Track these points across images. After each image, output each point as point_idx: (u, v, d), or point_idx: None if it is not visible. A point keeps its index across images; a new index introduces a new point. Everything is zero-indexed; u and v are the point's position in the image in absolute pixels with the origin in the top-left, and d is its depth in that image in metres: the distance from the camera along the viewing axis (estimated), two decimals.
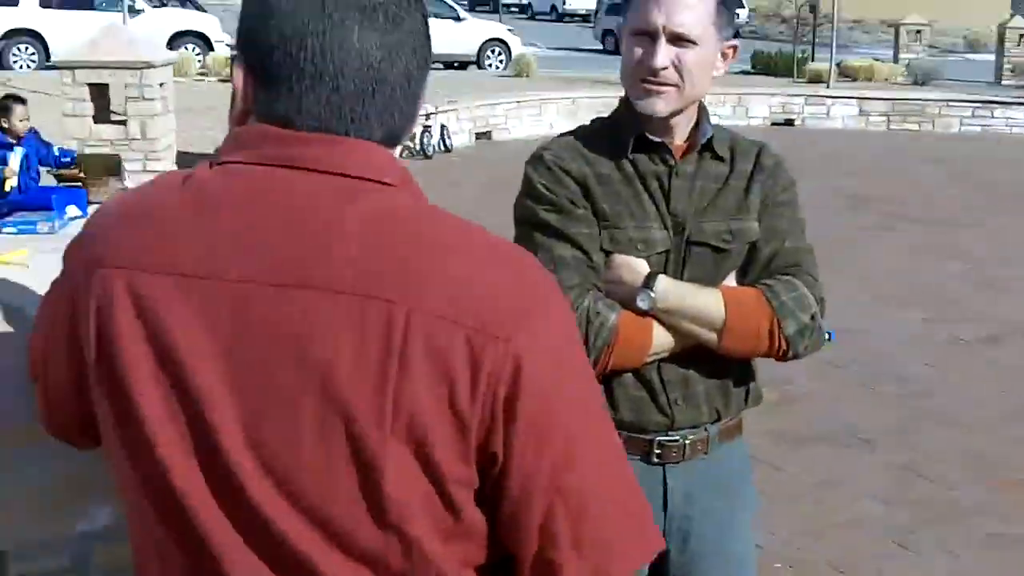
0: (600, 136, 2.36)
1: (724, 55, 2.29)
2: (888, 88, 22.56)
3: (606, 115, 2.45)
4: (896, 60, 27.60)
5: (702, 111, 2.33)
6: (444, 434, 1.17)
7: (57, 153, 8.27)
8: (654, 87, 2.21)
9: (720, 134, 2.36)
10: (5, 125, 8.03)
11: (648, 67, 2.19)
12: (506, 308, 1.19)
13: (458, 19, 27.38)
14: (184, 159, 9.90)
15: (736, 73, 23.99)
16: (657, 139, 2.28)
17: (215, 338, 1.18)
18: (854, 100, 19.56)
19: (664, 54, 2.18)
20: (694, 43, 2.18)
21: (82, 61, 8.82)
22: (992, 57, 28.13)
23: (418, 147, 14.80)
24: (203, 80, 21.89)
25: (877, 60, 26.89)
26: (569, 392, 1.23)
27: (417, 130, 14.77)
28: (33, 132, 8.20)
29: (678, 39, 2.18)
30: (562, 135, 2.42)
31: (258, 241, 1.19)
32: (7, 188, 8.04)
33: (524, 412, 1.18)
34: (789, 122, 19.34)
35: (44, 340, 1.37)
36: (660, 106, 2.22)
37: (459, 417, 1.16)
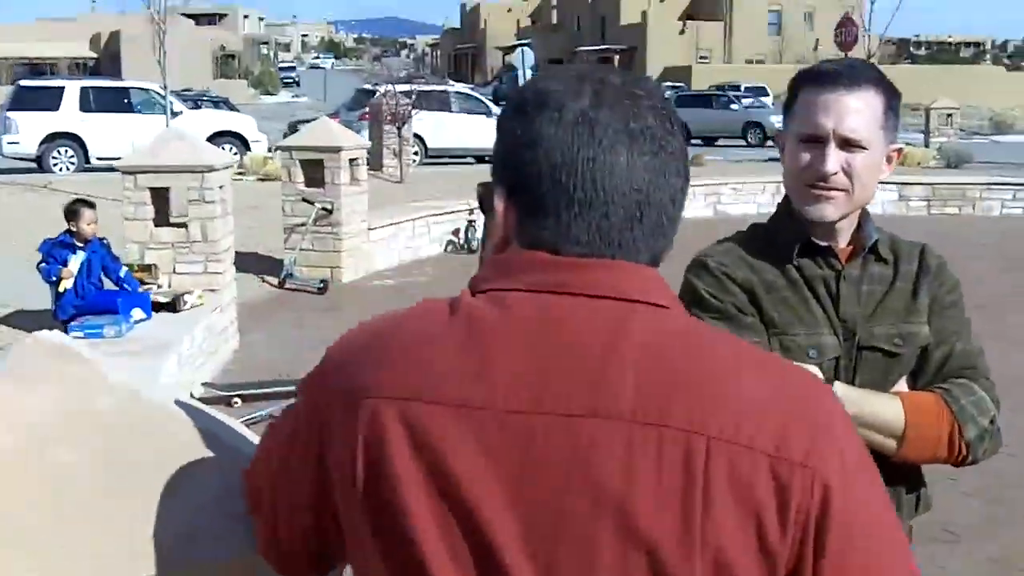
0: (761, 241, 2.34)
1: (889, 158, 2.28)
2: (925, 172, 22.61)
3: (763, 221, 2.44)
4: (927, 144, 27.70)
5: (864, 213, 2.32)
6: (750, 568, 1.13)
7: (123, 275, 8.35)
8: (824, 192, 2.20)
9: (880, 235, 2.34)
10: (73, 228, 8.15)
11: (817, 172, 2.18)
12: (802, 431, 1.16)
13: (490, 114, 27.70)
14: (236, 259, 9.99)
15: (769, 160, 24.14)
16: (823, 243, 2.26)
17: (498, 468, 1.16)
18: (893, 185, 19.57)
19: (835, 159, 2.17)
20: (863, 147, 2.17)
21: (145, 166, 8.93)
22: (1020, 138, 28.20)
23: (462, 241, 14.89)
24: (241, 179, 22.14)
25: (909, 144, 27.02)
26: (875, 519, 1.20)
27: (461, 225, 14.89)
28: (101, 241, 8.30)
29: (847, 144, 2.17)
30: (720, 241, 2.41)
31: (537, 371, 1.17)
32: (61, 288, 8.13)
33: (833, 545, 1.14)
34: None
35: (274, 473, 1.36)
36: (830, 211, 2.21)
37: (767, 552, 1.13)
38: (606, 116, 1.23)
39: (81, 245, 8.16)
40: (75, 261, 8.13)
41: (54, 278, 8.15)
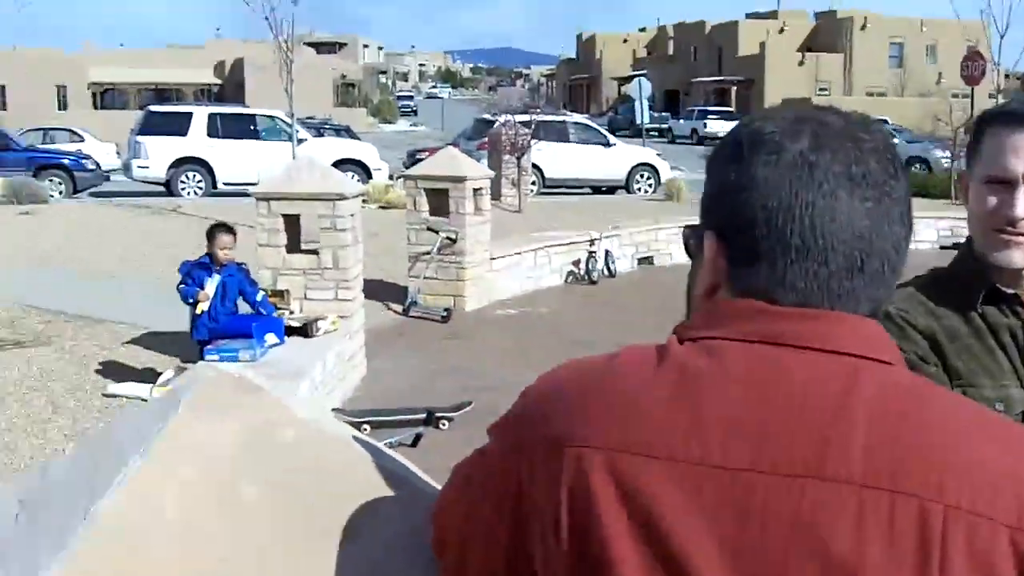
0: (942, 287, 2.25)
1: None
2: None
3: (943, 265, 2.36)
4: None
5: None
6: None
7: (259, 299, 8.47)
8: (1012, 237, 2.10)
9: None
10: (211, 251, 8.34)
11: (1006, 217, 2.09)
12: None
13: (608, 145, 27.70)
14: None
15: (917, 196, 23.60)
16: (1010, 291, 2.17)
17: (712, 525, 1.11)
18: None
19: None
20: None
21: (278, 193, 9.11)
22: None
23: (583, 273, 14.86)
24: (363, 207, 22.46)
25: None
26: None
27: (582, 256, 14.87)
28: (238, 266, 8.44)
29: None
30: (899, 286, 2.33)
31: (756, 426, 1.12)
32: (198, 311, 8.30)
33: None
34: (957, 245, 18.81)
35: (464, 517, 1.33)
36: (1018, 257, 2.11)
37: None
38: (826, 159, 1.18)
39: (218, 268, 8.32)
40: (211, 284, 8.30)
41: (191, 300, 8.32)
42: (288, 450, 1.66)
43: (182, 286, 8.37)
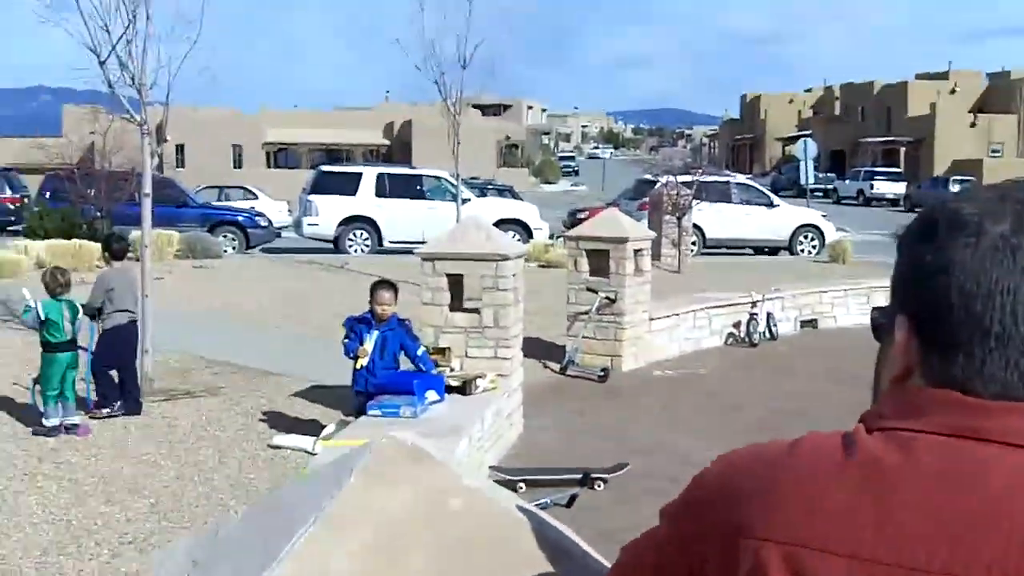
0: None
1: None
2: None
3: None
4: None
5: None
6: None
7: (419, 354, 8.53)
8: None
9: None
10: (372, 307, 8.48)
11: None
12: None
13: (771, 205, 27.34)
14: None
15: None
16: None
17: None
18: None
19: None
20: None
21: (444, 253, 9.25)
22: None
23: (743, 335, 14.62)
24: (524, 266, 22.65)
25: None
26: None
27: (743, 318, 14.64)
28: (400, 320, 8.54)
29: None
30: None
31: (949, 526, 1.06)
32: (358, 366, 8.43)
33: None
34: None
35: None
36: None
37: None
38: None
39: (378, 324, 8.45)
40: (370, 340, 8.43)
41: (352, 355, 8.48)
42: (457, 519, 1.66)
43: (346, 340, 8.54)
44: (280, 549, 1.59)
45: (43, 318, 9.40)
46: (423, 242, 15.06)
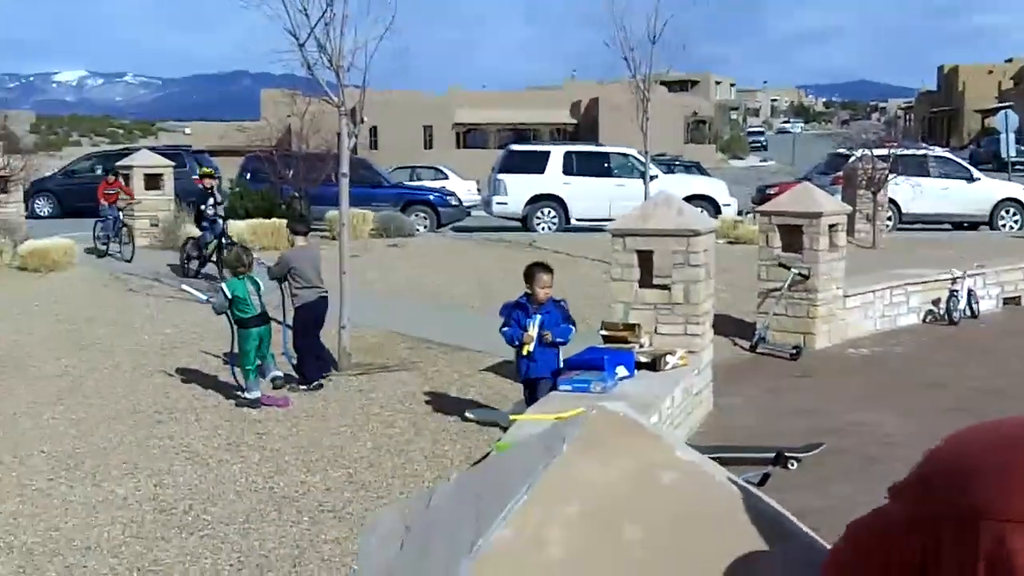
0: None
1: None
2: None
3: None
4: None
5: None
6: None
7: (570, 338, 8.25)
8: None
9: None
10: (529, 291, 8.26)
11: None
12: None
13: (971, 179, 26.17)
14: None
15: None
16: None
17: None
18: None
19: None
20: None
21: (634, 229, 9.20)
22: None
23: (942, 312, 14.07)
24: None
25: None
26: None
27: (943, 295, 14.09)
28: (556, 302, 8.31)
29: None
30: None
31: None
32: (524, 352, 8.29)
33: None
34: None
35: None
36: None
37: None
38: None
39: (535, 307, 8.25)
40: (533, 326, 8.21)
41: (516, 343, 8.28)
42: (670, 492, 1.64)
43: (505, 329, 8.31)
44: (493, 517, 1.60)
45: (230, 296, 9.78)
46: (610, 219, 15.07)
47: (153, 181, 21.54)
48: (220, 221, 17.42)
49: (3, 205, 20.06)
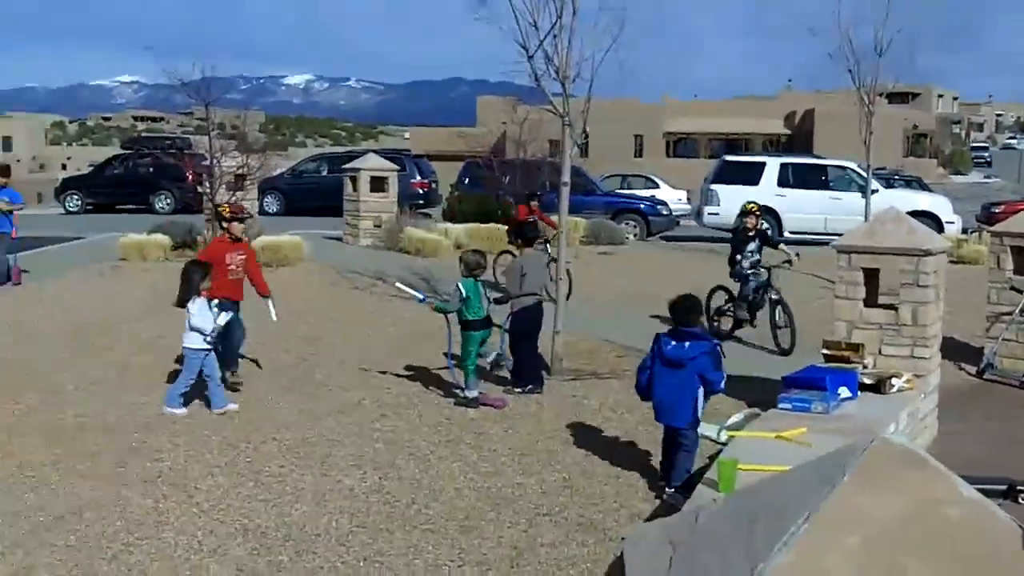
0: None
1: None
2: None
3: None
4: None
5: None
6: None
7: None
8: None
9: None
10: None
11: None
12: None
13: None
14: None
15: None
16: None
17: None
18: None
19: None
20: None
21: (860, 246, 9.00)
22: None
23: None
24: None
25: None
26: None
27: None
28: (709, 348, 8.01)
29: None
30: None
31: None
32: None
33: None
34: None
35: None
36: None
37: None
38: None
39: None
40: None
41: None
42: (954, 529, 1.63)
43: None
44: (771, 542, 1.63)
45: (465, 296, 10.03)
46: (825, 233, 14.79)
47: (378, 184, 22.25)
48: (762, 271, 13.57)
49: (239, 202, 21.09)
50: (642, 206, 27.17)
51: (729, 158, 27.83)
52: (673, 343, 7.55)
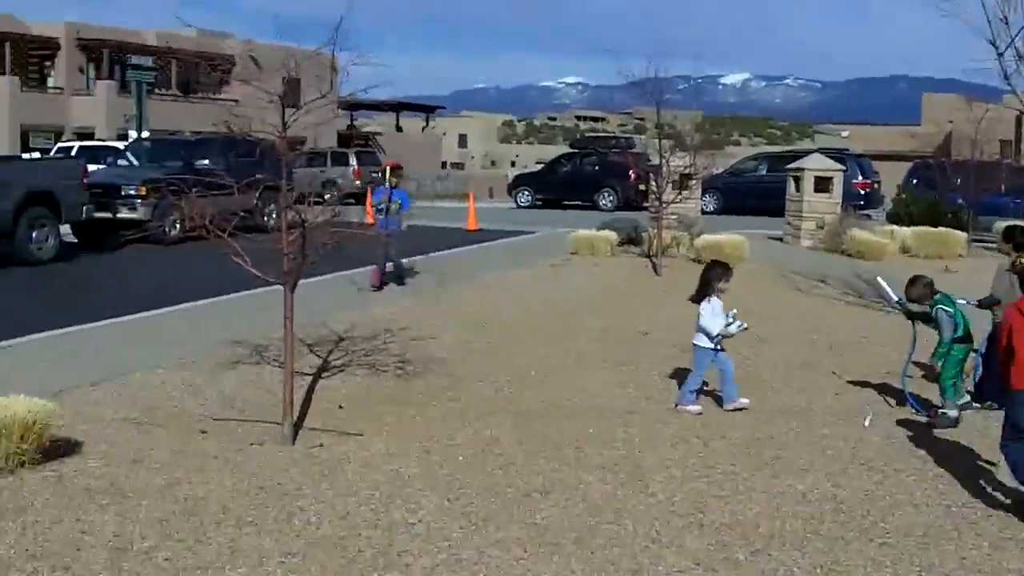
0: None
1: None
2: None
3: None
4: None
5: None
6: None
7: None
8: None
9: None
10: None
11: None
12: None
13: None
14: None
15: None
16: None
17: None
18: None
19: None
20: None
21: None
22: None
23: None
24: None
25: None
26: None
27: None
28: None
29: None
30: None
31: None
32: None
33: None
34: None
35: None
36: None
37: None
38: None
39: None
40: None
41: None
42: None
43: None
44: None
45: (954, 318, 9.56)
46: None
47: (822, 184, 21.89)
48: None
49: (683, 201, 21.51)
50: None
51: None
52: None
